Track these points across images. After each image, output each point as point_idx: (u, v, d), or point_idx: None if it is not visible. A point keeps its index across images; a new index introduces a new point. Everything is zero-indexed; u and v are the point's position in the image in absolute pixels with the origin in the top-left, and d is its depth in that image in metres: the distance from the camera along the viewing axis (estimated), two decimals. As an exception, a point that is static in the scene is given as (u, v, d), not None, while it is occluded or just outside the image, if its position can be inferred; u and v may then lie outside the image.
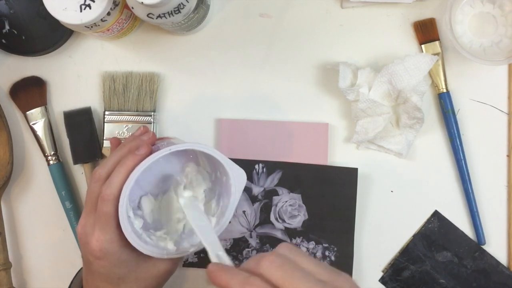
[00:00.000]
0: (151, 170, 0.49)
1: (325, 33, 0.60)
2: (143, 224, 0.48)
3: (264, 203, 0.59)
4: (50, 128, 0.61)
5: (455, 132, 0.58)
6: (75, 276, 0.57)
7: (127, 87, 0.59)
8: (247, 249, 0.59)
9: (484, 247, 0.58)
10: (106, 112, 0.59)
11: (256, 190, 0.59)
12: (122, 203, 0.44)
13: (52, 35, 0.60)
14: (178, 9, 0.49)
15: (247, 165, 0.59)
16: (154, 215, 0.50)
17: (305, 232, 0.58)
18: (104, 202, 0.44)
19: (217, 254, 0.40)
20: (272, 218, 0.59)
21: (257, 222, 0.59)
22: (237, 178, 0.48)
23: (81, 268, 0.53)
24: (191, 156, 0.52)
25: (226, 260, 0.39)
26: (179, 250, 0.48)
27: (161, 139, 0.52)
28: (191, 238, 0.49)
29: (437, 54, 0.58)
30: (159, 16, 0.49)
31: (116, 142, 0.53)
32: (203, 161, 0.52)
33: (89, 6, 0.50)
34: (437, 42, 0.58)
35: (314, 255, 0.58)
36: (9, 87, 0.61)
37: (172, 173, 0.52)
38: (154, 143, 0.50)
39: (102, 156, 0.60)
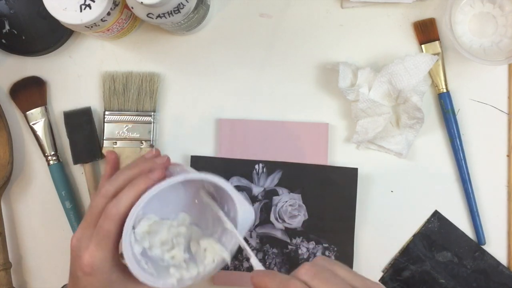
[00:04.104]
0: (157, 195, 0.48)
1: (325, 33, 0.60)
2: (142, 250, 0.45)
3: (264, 203, 0.59)
4: (50, 128, 0.61)
5: (455, 132, 0.58)
6: None
7: (127, 87, 0.59)
8: (247, 249, 0.59)
9: (484, 247, 0.58)
10: (106, 112, 0.59)
11: (256, 190, 0.59)
12: (128, 225, 0.42)
13: (52, 35, 0.60)
14: (177, 9, 0.49)
15: (247, 165, 0.59)
16: (153, 241, 0.47)
17: (305, 232, 0.58)
18: (107, 219, 0.42)
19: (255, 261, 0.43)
20: (272, 218, 0.59)
21: (257, 222, 0.59)
22: (244, 215, 0.46)
23: (65, 285, 0.51)
24: (198, 186, 0.49)
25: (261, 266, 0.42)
26: (177, 283, 0.45)
27: (174, 165, 0.49)
28: (190, 270, 0.46)
29: (437, 54, 0.58)
30: (158, 16, 0.49)
31: (114, 157, 0.51)
32: (212, 192, 0.49)
33: (89, 6, 0.50)
34: (437, 42, 0.58)
35: (314, 255, 0.58)
36: (9, 87, 0.61)
37: (176, 202, 0.50)
38: (167, 168, 0.47)
39: (102, 156, 0.60)
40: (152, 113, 0.59)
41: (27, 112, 0.60)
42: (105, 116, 0.59)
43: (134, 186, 0.43)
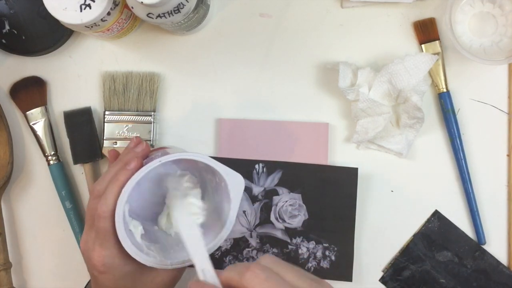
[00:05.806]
0: (148, 179, 0.48)
1: (325, 33, 0.60)
2: (146, 235, 0.47)
3: (264, 203, 0.59)
4: (50, 128, 0.61)
5: (455, 132, 0.58)
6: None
7: (127, 87, 0.59)
8: (247, 249, 0.59)
9: (485, 246, 0.58)
10: (106, 112, 0.59)
11: (256, 190, 0.59)
12: (118, 219, 0.44)
13: (52, 35, 0.60)
14: (177, 9, 0.49)
15: (247, 165, 0.59)
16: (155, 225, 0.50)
17: (305, 232, 0.58)
18: (100, 219, 0.44)
19: (203, 269, 0.41)
20: (272, 218, 0.59)
21: (257, 222, 0.59)
22: (234, 183, 0.47)
23: (89, 281, 0.53)
24: (188, 164, 0.50)
25: (210, 275, 0.40)
26: (181, 260, 0.47)
27: (157, 149, 0.51)
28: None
29: (437, 53, 0.58)
30: (158, 16, 0.49)
31: (114, 154, 0.53)
32: (202, 167, 0.50)
33: (89, 6, 0.50)
34: (437, 42, 0.58)
35: (314, 255, 0.58)
36: (9, 87, 0.61)
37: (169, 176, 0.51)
38: (147, 155, 0.49)
39: (102, 156, 0.60)
40: (152, 113, 0.59)
41: (27, 112, 0.60)
42: (105, 116, 0.59)
43: (116, 181, 0.45)
